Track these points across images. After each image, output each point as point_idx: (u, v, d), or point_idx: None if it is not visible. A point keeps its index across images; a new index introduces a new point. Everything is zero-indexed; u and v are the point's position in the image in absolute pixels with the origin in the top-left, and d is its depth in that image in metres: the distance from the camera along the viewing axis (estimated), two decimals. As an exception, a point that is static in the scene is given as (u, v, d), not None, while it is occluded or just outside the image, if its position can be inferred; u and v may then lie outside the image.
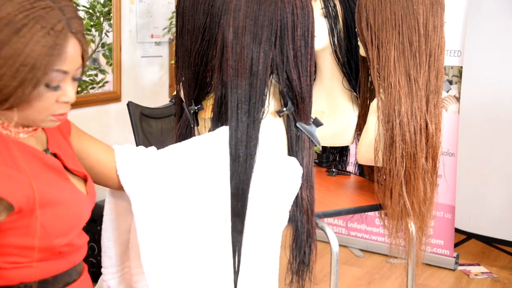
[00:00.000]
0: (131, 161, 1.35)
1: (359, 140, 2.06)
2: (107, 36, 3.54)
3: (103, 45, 3.53)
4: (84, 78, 3.43)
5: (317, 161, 2.29)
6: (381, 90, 1.83)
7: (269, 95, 1.45)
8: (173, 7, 3.90)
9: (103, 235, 1.43)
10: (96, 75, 3.51)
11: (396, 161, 1.78)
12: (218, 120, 1.48)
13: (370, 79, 2.01)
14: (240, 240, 1.37)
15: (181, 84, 1.79)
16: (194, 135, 1.77)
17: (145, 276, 1.33)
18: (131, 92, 3.71)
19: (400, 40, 1.80)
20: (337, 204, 1.88)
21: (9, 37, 1.05)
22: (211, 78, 1.72)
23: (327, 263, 2.09)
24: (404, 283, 3.30)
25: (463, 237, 3.98)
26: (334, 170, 2.21)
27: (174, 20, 3.38)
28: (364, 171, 2.16)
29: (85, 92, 3.44)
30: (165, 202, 1.34)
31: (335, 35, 2.10)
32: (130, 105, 2.75)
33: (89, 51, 3.44)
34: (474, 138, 3.92)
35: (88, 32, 3.41)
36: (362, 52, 1.95)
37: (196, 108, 1.74)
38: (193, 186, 1.36)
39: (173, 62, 3.54)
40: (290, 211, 1.44)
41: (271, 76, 1.44)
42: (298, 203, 1.45)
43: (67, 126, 1.33)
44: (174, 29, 3.23)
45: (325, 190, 2.01)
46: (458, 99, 3.40)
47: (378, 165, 1.85)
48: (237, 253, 1.37)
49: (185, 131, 1.80)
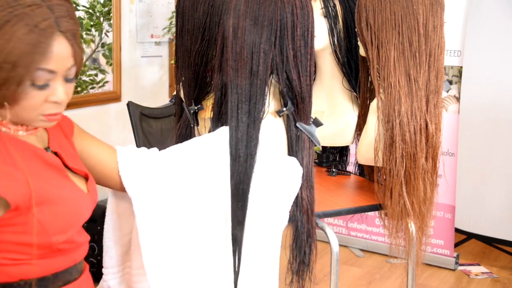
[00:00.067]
0: (133, 162, 1.35)
1: (359, 140, 2.06)
2: (107, 36, 3.54)
3: (103, 45, 3.53)
4: (84, 78, 3.43)
5: (317, 161, 2.29)
6: (381, 90, 1.83)
7: (269, 95, 1.45)
8: (173, 7, 3.90)
9: (104, 235, 1.43)
10: (96, 75, 3.51)
11: (396, 161, 1.78)
12: (218, 120, 1.48)
13: (370, 79, 2.01)
14: (240, 240, 1.37)
15: (181, 84, 1.79)
16: (194, 135, 1.77)
17: (146, 277, 1.33)
18: (131, 92, 3.71)
19: (400, 40, 1.80)
20: (337, 204, 1.88)
21: None
22: (211, 78, 1.72)
23: (327, 263, 2.09)
24: (404, 283, 3.30)
25: (463, 237, 3.98)
26: (334, 170, 2.21)
27: (174, 20, 3.38)
28: (364, 171, 2.16)
29: (85, 92, 3.44)
30: (166, 203, 1.34)
31: (335, 35, 2.10)
32: (130, 105, 2.74)
33: (89, 51, 3.45)
34: (474, 138, 3.92)
35: (88, 32, 3.41)
36: (362, 52, 1.95)
37: (196, 108, 1.74)
38: (194, 187, 1.36)
39: (173, 62, 3.54)
40: (290, 211, 1.44)
41: (271, 76, 1.44)
42: (298, 203, 1.45)
43: (70, 127, 1.33)
44: (174, 29, 3.23)
45: (325, 190, 2.01)
46: (458, 99, 3.40)
47: (378, 165, 1.85)
48: (237, 253, 1.37)
49: (185, 131, 1.80)
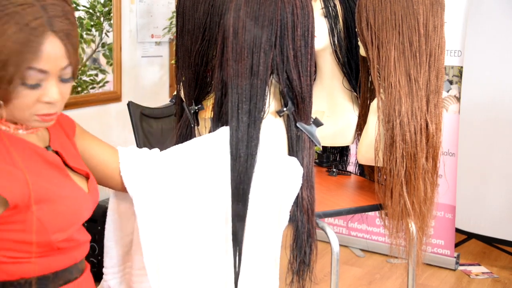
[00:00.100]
0: (134, 163, 1.36)
1: (359, 140, 2.06)
2: (107, 36, 3.54)
3: (103, 45, 3.53)
4: (84, 78, 3.43)
5: (317, 161, 2.29)
6: (381, 90, 1.83)
7: (270, 95, 1.45)
8: (173, 7, 3.90)
9: (105, 235, 1.44)
10: (96, 75, 3.51)
11: (396, 161, 1.78)
12: (219, 120, 1.48)
13: (370, 79, 2.01)
14: (241, 240, 1.37)
15: (181, 84, 1.79)
16: (195, 135, 1.77)
17: (147, 277, 1.33)
18: (131, 92, 3.71)
19: (400, 40, 1.79)
20: (337, 204, 1.88)
21: None
22: (211, 78, 1.72)
23: (328, 263, 2.08)
24: (404, 283, 3.30)
25: (464, 237, 3.98)
26: (334, 170, 2.21)
27: (174, 20, 3.38)
28: (365, 171, 2.16)
29: (85, 92, 3.44)
30: (167, 203, 1.34)
31: (335, 35, 2.10)
32: (130, 105, 2.74)
33: (89, 51, 3.45)
34: (474, 138, 3.92)
35: (88, 32, 3.41)
36: (362, 52, 1.95)
37: (196, 108, 1.74)
38: (194, 187, 1.36)
39: (173, 62, 3.54)
40: (290, 211, 1.44)
41: (271, 76, 1.44)
42: (298, 203, 1.45)
43: (72, 127, 1.33)
44: (174, 29, 3.23)
45: (325, 190, 2.01)
46: (458, 99, 3.40)
47: (378, 165, 1.85)
48: (237, 253, 1.38)
49: (186, 131, 1.80)
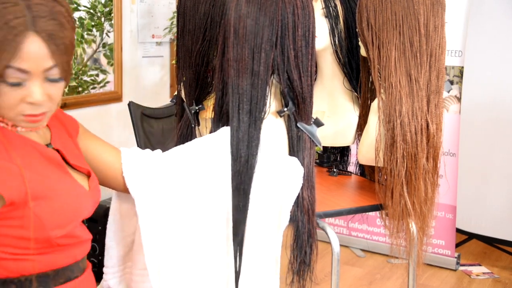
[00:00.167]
0: (136, 164, 1.36)
1: (360, 140, 2.06)
2: (108, 36, 3.54)
3: (104, 45, 3.53)
4: (85, 78, 3.43)
5: (318, 161, 2.29)
6: (382, 90, 1.83)
7: (270, 95, 1.45)
8: (174, 7, 3.90)
9: (107, 235, 1.44)
10: (97, 75, 3.51)
11: (397, 161, 1.78)
12: (219, 120, 1.48)
13: (371, 79, 2.01)
14: (242, 240, 1.37)
15: (182, 84, 1.80)
16: (195, 135, 1.77)
17: (149, 277, 1.33)
18: (132, 92, 3.71)
19: (401, 40, 1.79)
20: (338, 204, 1.88)
21: None
22: (212, 78, 1.72)
23: (328, 263, 2.08)
24: (405, 283, 3.29)
25: (464, 237, 3.98)
26: (335, 170, 2.21)
27: (175, 20, 3.38)
28: (365, 171, 2.16)
29: (86, 92, 3.44)
30: (169, 204, 1.34)
31: (336, 35, 2.10)
32: (131, 105, 2.75)
33: (90, 51, 3.45)
34: (475, 138, 3.92)
35: (89, 32, 3.41)
36: (363, 52, 1.95)
37: (197, 108, 1.74)
38: (195, 187, 1.36)
39: (174, 62, 3.54)
40: (291, 211, 1.44)
41: (272, 76, 1.44)
42: (299, 203, 1.45)
43: (75, 127, 1.33)
44: (175, 29, 3.23)
45: (326, 190, 2.01)
46: (459, 99, 3.40)
47: (379, 165, 1.85)
48: (238, 253, 1.38)
49: (186, 131, 1.80)
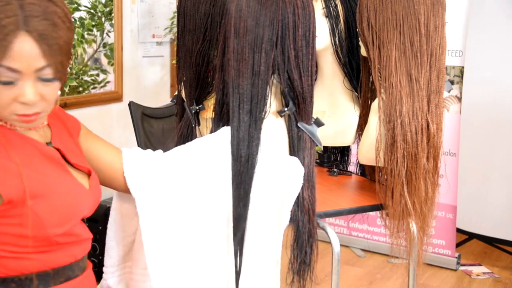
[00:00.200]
0: (138, 164, 1.36)
1: (360, 140, 2.06)
2: (108, 36, 3.54)
3: (104, 45, 3.53)
4: (85, 78, 3.43)
5: (318, 161, 2.29)
6: (382, 90, 1.83)
7: (271, 95, 1.45)
8: (174, 7, 3.90)
9: (107, 234, 1.44)
10: (97, 75, 3.51)
11: (397, 161, 1.78)
12: (220, 120, 1.48)
13: (371, 79, 2.01)
14: (242, 240, 1.38)
15: (182, 84, 1.80)
16: (196, 135, 1.77)
17: (149, 277, 1.33)
18: (132, 92, 3.71)
19: (401, 40, 1.79)
20: (338, 204, 1.88)
21: None
22: (212, 78, 1.72)
23: (329, 263, 2.09)
24: (405, 283, 3.29)
25: (465, 237, 3.98)
26: (335, 170, 2.21)
27: (175, 20, 3.38)
28: (366, 171, 2.16)
29: (86, 92, 3.44)
30: (169, 204, 1.34)
31: (336, 35, 2.10)
32: (131, 105, 2.75)
33: (91, 51, 3.45)
34: (475, 138, 3.92)
35: (89, 32, 3.41)
36: (363, 52, 1.95)
37: (197, 108, 1.74)
38: (196, 188, 1.36)
39: (174, 62, 3.54)
40: (291, 211, 1.44)
41: (273, 76, 1.44)
42: (299, 203, 1.45)
43: (76, 127, 1.33)
44: (175, 29, 3.23)
45: (326, 190, 2.01)
46: (459, 99, 3.40)
47: (379, 165, 1.85)
48: (239, 252, 1.38)
49: (187, 131, 1.80)
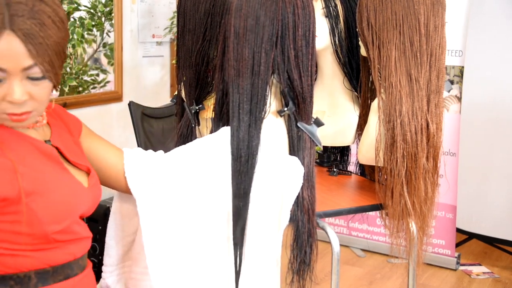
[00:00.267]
0: (139, 164, 1.36)
1: (360, 140, 2.06)
2: (108, 36, 3.54)
3: (104, 45, 3.53)
4: (85, 78, 3.43)
5: (318, 161, 2.29)
6: (382, 90, 1.83)
7: (270, 95, 1.45)
8: (174, 7, 3.90)
9: (107, 233, 1.45)
10: (97, 75, 3.52)
11: (397, 161, 1.78)
12: (220, 120, 1.48)
13: (371, 79, 2.01)
14: (242, 239, 1.38)
15: (182, 83, 1.80)
16: (195, 134, 1.77)
17: (149, 276, 1.33)
18: (132, 92, 3.71)
19: (401, 40, 1.79)
20: (338, 204, 1.88)
21: None
22: (212, 78, 1.72)
23: (328, 263, 2.09)
24: (405, 283, 3.30)
25: (465, 237, 3.98)
26: (335, 169, 2.21)
27: (175, 20, 3.38)
28: (365, 171, 2.16)
29: (86, 92, 3.44)
30: (170, 205, 1.35)
31: (336, 35, 2.10)
32: (131, 105, 2.75)
33: (91, 51, 3.45)
34: (475, 138, 3.92)
35: (89, 32, 3.41)
36: (363, 52, 1.95)
37: (197, 107, 1.74)
38: (196, 188, 1.36)
39: (174, 62, 3.54)
40: (291, 210, 1.44)
41: (272, 76, 1.44)
42: (299, 202, 1.45)
43: (77, 126, 1.33)
44: (175, 29, 3.23)
45: (326, 189, 2.01)
46: (459, 99, 3.40)
47: (379, 165, 1.85)
48: (238, 252, 1.38)
49: (186, 131, 1.80)
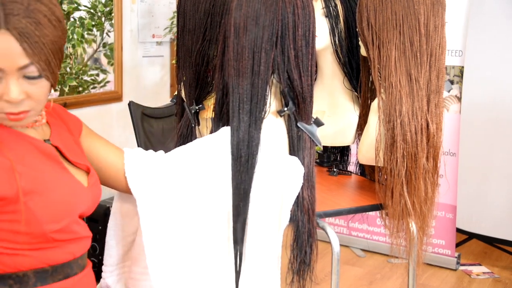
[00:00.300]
0: (139, 164, 1.36)
1: (360, 140, 2.06)
2: (108, 36, 3.54)
3: (104, 45, 3.53)
4: (85, 78, 3.43)
5: (318, 160, 2.29)
6: (382, 90, 1.83)
7: (270, 95, 1.45)
8: (174, 7, 3.90)
9: (107, 233, 1.45)
10: (97, 75, 3.51)
11: (397, 160, 1.78)
12: (220, 120, 1.48)
13: (371, 78, 2.01)
14: (242, 239, 1.38)
15: (182, 83, 1.80)
16: (195, 134, 1.77)
17: (149, 276, 1.33)
18: (132, 92, 3.71)
19: (401, 40, 1.79)
20: (338, 204, 1.88)
21: None
22: (212, 78, 1.72)
23: (328, 263, 2.09)
24: (405, 283, 3.30)
25: (465, 237, 3.98)
26: (335, 169, 2.21)
27: (175, 20, 3.38)
28: (365, 171, 2.16)
29: (86, 92, 3.44)
30: (170, 204, 1.35)
31: (336, 35, 2.10)
32: (131, 105, 2.75)
33: (91, 51, 3.45)
34: (475, 138, 3.92)
35: (89, 32, 3.41)
36: (363, 51, 1.95)
37: (197, 107, 1.74)
38: (196, 188, 1.36)
39: (174, 62, 3.54)
40: (291, 210, 1.44)
41: (272, 76, 1.44)
42: (299, 202, 1.45)
43: (78, 126, 1.33)
44: (175, 29, 3.23)
45: (326, 189, 2.01)
46: (459, 99, 3.40)
47: (379, 165, 1.85)
48: (238, 252, 1.38)
49: (186, 131, 1.80)
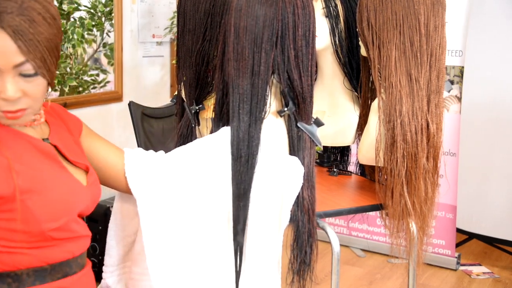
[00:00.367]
0: (139, 165, 1.36)
1: (360, 140, 2.06)
2: (108, 36, 3.54)
3: (104, 45, 3.53)
4: (85, 78, 3.43)
5: (318, 161, 2.29)
6: (382, 90, 1.83)
7: (270, 95, 1.45)
8: (174, 7, 3.90)
9: (108, 233, 1.45)
10: (97, 75, 3.51)
11: (397, 161, 1.78)
12: (220, 120, 1.48)
13: (371, 79, 2.01)
14: (242, 240, 1.38)
15: (182, 83, 1.80)
16: (195, 135, 1.77)
17: (149, 277, 1.33)
18: (132, 92, 3.71)
19: (401, 40, 1.79)
20: (338, 204, 1.88)
21: None
22: (212, 78, 1.72)
23: (328, 263, 2.09)
24: (405, 283, 3.30)
25: (465, 237, 3.98)
26: (335, 170, 2.21)
27: (175, 20, 3.38)
28: (365, 171, 2.16)
29: (86, 92, 3.44)
30: (170, 204, 1.35)
31: (336, 35, 2.10)
32: (131, 105, 2.75)
33: (91, 51, 3.45)
34: (475, 138, 3.92)
35: (89, 32, 3.41)
36: (363, 52, 1.95)
37: (197, 107, 1.74)
38: (196, 188, 1.36)
39: (174, 62, 3.54)
40: (291, 210, 1.44)
41: (272, 76, 1.44)
42: (299, 203, 1.45)
43: (78, 126, 1.33)
44: (175, 29, 3.23)
45: (326, 190, 2.01)
46: (459, 99, 3.40)
47: (379, 165, 1.85)
48: (239, 253, 1.38)
49: (186, 131, 1.80)
